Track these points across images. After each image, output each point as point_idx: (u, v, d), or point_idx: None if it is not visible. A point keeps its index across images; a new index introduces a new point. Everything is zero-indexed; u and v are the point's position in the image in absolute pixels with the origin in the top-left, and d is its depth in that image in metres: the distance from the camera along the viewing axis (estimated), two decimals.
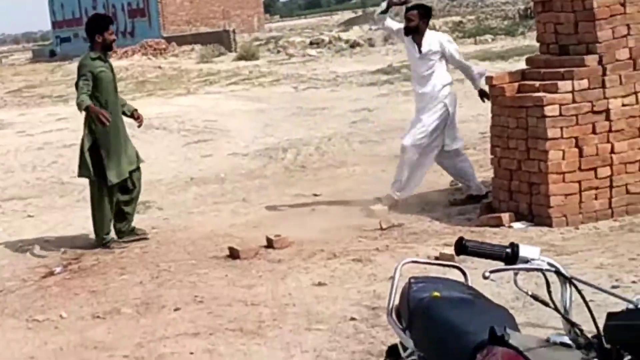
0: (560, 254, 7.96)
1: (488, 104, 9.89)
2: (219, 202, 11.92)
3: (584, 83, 8.93)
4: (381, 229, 9.51)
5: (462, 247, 3.29)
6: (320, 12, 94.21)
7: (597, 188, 8.99)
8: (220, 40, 44.08)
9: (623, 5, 8.86)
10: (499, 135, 9.60)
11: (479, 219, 9.47)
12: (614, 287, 6.89)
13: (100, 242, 9.94)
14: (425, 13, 10.53)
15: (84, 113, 9.69)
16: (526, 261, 3.18)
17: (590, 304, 2.98)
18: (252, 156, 15.33)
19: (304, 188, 12.27)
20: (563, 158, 8.91)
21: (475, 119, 15.21)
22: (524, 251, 3.21)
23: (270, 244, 9.17)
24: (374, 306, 6.99)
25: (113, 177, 9.80)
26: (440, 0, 51.95)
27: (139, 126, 10.43)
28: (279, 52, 38.84)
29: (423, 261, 4.31)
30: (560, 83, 8.95)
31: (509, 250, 3.21)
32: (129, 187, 10.06)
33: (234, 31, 45.63)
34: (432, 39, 10.42)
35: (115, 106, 9.92)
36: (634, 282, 6.97)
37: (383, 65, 27.54)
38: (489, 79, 9.79)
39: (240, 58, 37.39)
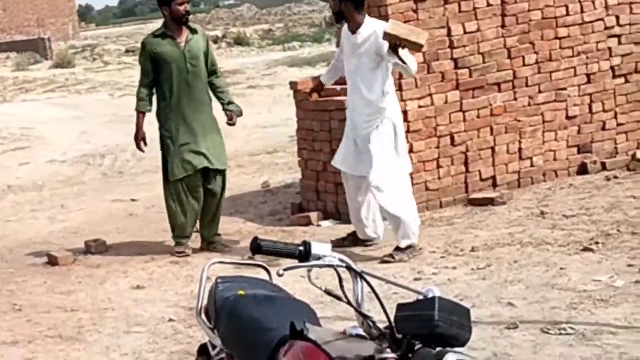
0: (366, 249, 8.17)
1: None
2: (36, 209, 11.66)
3: None
4: (197, 231, 9.47)
5: (257, 246, 3.33)
6: (135, 21, 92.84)
7: None
8: (36, 48, 43.00)
9: (415, 12, 9.11)
10: (305, 138, 9.74)
11: (290, 219, 9.59)
12: (416, 279, 7.12)
13: (176, 245, 8.76)
14: None
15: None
16: (318, 258, 3.23)
17: (392, 296, 3.07)
18: (69, 163, 15.05)
19: (121, 193, 12.14)
20: None
21: (284, 123, 15.37)
22: (316, 248, 3.25)
23: (88, 250, 9.06)
24: (191, 307, 6.99)
25: (172, 174, 8.59)
26: (250, 8, 52.13)
27: (230, 124, 9.03)
28: (95, 59, 38.18)
29: (228, 261, 4.35)
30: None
31: (301, 248, 3.26)
32: (210, 189, 8.75)
33: (49, 39, 44.60)
34: (368, 29, 7.79)
35: (188, 94, 8.61)
36: (434, 273, 7.21)
37: None
38: (293, 84, 9.91)
39: (56, 66, 36.57)
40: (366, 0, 8.02)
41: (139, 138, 8.86)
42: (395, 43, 7.41)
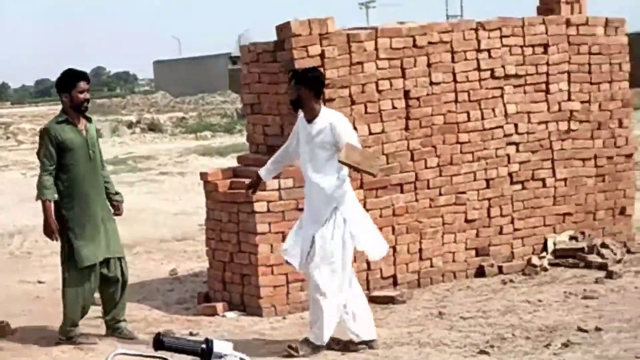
0: (269, 343, 8.07)
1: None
2: None
3: (289, 182, 9.14)
4: (103, 317, 9.29)
5: (159, 342, 3.27)
6: (51, 101, 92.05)
7: (302, 280, 9.16)
8: None
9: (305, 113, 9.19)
10: (213, 229, 9.68)
11: (196, 308, 9.46)
12: None
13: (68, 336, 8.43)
14: (301, 79, 7.68)
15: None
16: (220, 356, 3.19)
17: None
18: None
19: (28, 274, 11.83)
20: (271, 251, 9.07)
21: (194, 211, 15.24)
22: (218, 347, 3.21)
23: None
24: None
25: (84, 260, 8.28)
26: (165, 96, 52.13)
27: (117, 214, 8.69)
28: (8, 138, 37.58)
29: (131, 353, 4.23)
30: (267, 182, 9.14)
31: (204, 345, 3.22)
32: (111, 277, 8.52)
33: None
34: (324, 119, 7.66)
35: (90, 181, 8.38)
36: None
37: (109, 157, 27.15)
38: (203, 175, 9.88)
39: None
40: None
41: (53, 228, 8.37)
42: (350, 167, 7.42)
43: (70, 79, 8.39)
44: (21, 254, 13.47)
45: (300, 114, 7.80)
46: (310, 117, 7.66)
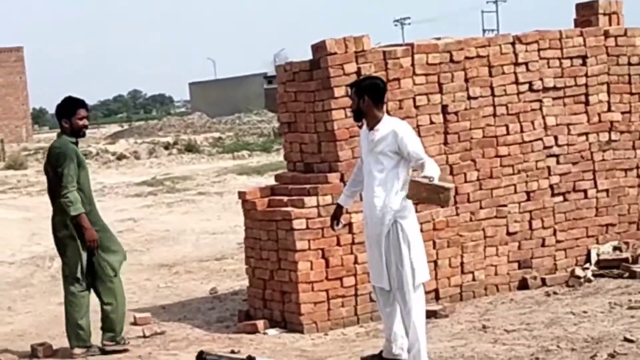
0: (312, 359, 8.07)
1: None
2: None
3: (328, 199, 9.17)
4: (144, 336, 9.35)
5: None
6: (88, 125, 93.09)
7: (343, 296, 9.20)
8: None
9: (360, 127, 9.20)
10: (252, 247, 9.70)
11: (237, 326, 9.48)
12: None
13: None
14: (360, 90, 7.53)
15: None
16: None
17: None
18: (18, 265, 14.80)
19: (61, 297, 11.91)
20: (311, 268, 9.08)
21: (232, 230, 15.32)
22: None
23: (35, 354, 8.85)
24: None
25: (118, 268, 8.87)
26: (201, 117, 52.40)
27: None
28: None
29: None
30: (306, 199, 9.17)
31: None
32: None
33: (2, 141, 44.38)
34: (386, 127, 7.44)
35: (93, 199, 8.97)
36: None
37: (147, 178, 27.40)
38: (242, 194, 9.92)
39: (9, 167, 36.31)
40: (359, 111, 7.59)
41: (95, 236, 8.71)
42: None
43: (70, 106, 8.87)
44: (61, 277, 13.55)
45: (363, 126, 7.65)
46: (372, 125, 7.47)
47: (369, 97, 7.45)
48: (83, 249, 8.71)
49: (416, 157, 7.27)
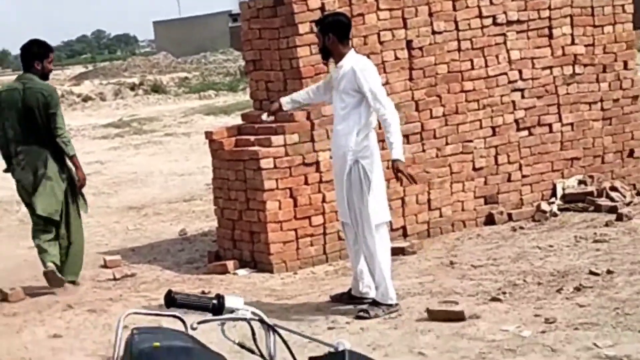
0: (281, 298, 8.14)
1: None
2: None
3: (295, 137, 9.18)
4: (114, 279, 9.38)
5: (171, 299, 3.32)
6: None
7: (312, 235, 9.25)
8: None
9: (326, 64, 9.16)
10: (220, 187, 9.71)
11: (207, 267, 9.53)
12: (329, 328, 7.12)
13: None
14: (325, 26, 7.53)
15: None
16: (232, 311, 3.24)
17: (307, 346, 3.09)
18: None
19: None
20: (280, 208, 9.11)
21: (201, 171, 15.30)
22: (230, 302, 3.26)
23: (5, 298, 8.84)
24: (108, 356, 6.87)
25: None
26: (166, 56, 51.95)
27: None
28: None
29: (144, 312, 4.28)
30: (273, 137, 9.16)
31: (215, 301, 3.27)
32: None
33: None
34: (348, 63, 7.41)
35: None
36: (347, 322, 7.21)
37: (114, 119, 27.23)
38: (208, 134, 9.90)
39: None
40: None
41: (85, 177, 9.14)
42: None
43: (44, 49, 8.98)
44: (29, 220, 13.47)
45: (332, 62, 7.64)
46: (337, 62, 7.49)
47: (334, 34, 7.42)
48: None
49: (373, 97, 7.22)
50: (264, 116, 8.05)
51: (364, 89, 7.24)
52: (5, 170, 9.27)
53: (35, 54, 8.86)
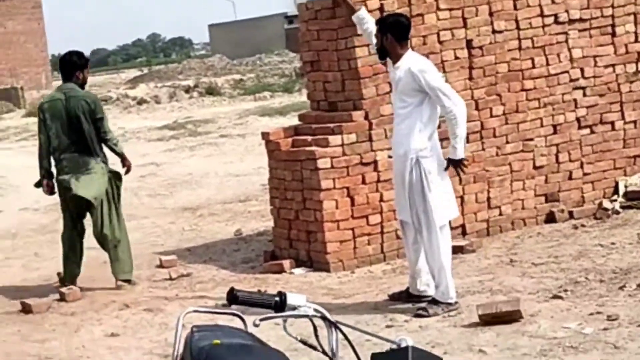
0: (338, 297, 8.15)
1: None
2: (10, 257, 11.54)
3: (353, 137, 9.19)
4: (170, 278, 9.45)
5: (233, 297, 3.34)
6: (108, 70, 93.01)
7: (369, 234, 9.24)
8: (9, 97, 42.78)
9: (385, 64, 9.17)
10: (277, 187, 9.75)
11: (262, 267, 9.56)
12: (388, 326, 7.11)
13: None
14: (383, 27, 7.56)
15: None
16: (294, 308, 3.25)
17: (366, 344, 3.09)
18: (43, 211, 14.91)
19: (94, 241, 12.01)
20: (337, 207, 9.12)
21: (256, 172, 15.36)
22: (292, 299, 3.27)
23: (62, 297, 8.97)
24: (166, 354, 6.94)
25: None
26: (221, 59, 52.25)
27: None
28: None
29: (204, 310, 4.31)
30: (330, 137, 9.18)
31: (277, 298, 3.28)
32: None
33: (22, 88, 44.43)
34: (406, 64, 7.43)
35: None
36: (406, 321, 7.21)
37: (169, 122, 27.43)
38: (265, 135, 9.94)
39: (30, 114, 36.30)
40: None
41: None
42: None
43: (84, 60, 9.44)
44: (85, 222, 13.65)
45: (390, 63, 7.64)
46: (395, 62, 7.49)
47: (392, 35, 7.44)
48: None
49: (438, 94, 7.22)
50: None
51: (426, 89, 7.24)
52: (37, 185, 9.56)
53: (76, 64, 9.25)
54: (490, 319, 6.74)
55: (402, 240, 7.93)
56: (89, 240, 12.00)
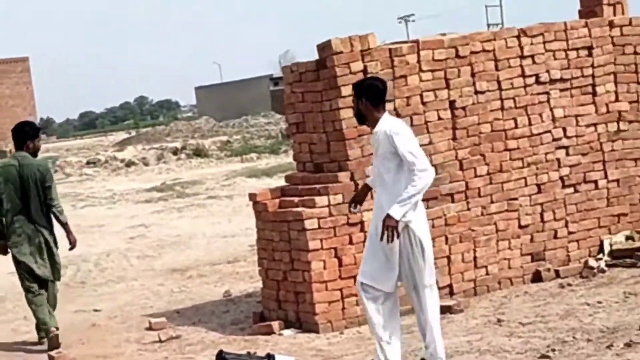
0: (328, 359, 8.09)
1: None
2: (0, 320, 11.46)
3: (339, 197, 9.19)
4: (160, 341, 9.39)
5: (222, 359, 3.34)
6: (96, 133, 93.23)
7: (356, 295, 9.19)
8: None
9: (369, 125, 9.17)
10: (265, 248, 9.73)
11: (252, 328, 9.51)
12: None
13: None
14: (359, 91, 7.39)
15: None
16: None
17: None
18: None
19: (84, 304, 11.99)
20: (324, 268, 9.11)
21: (244, 233, 15.37)
22: None
23: None
24: None
25: None
26: (208, 121, 52.45)
27: None
28: (56, 171, 38.08)
29: None
30: (317, 198, 9.19)
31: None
32: None
33: (10, 151, 44.47)
34: (382, 128, 7.23)
35: None
36: None
37: (157, 183, 27.47)
38: (252, 196, 9.95)
39: None
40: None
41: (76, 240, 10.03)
42: None
43: (35, 129, 10.06)
44: (75, 284, 13.63)
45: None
46: (372, 127, 7.33)
47: (367, 99, 7.30)
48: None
49: (407, 156, 7.02)
50: (355, 209, 7.80)
51: (399, 151, 7.06)
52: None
53: (27, 134, 9.76)
54: None
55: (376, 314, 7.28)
56: (76, 304, 11.98)
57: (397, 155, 7.10)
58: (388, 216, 6.96)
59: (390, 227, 6.94)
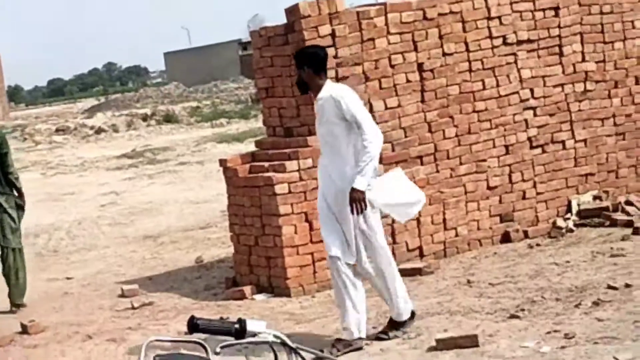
0: (300, 322, 8.13)
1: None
2: None
3: (309, 162, 9.19)
4: (133, 307, 9.39)
5: (193, 325, 3.33)
6: (64, 100, 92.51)
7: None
8: None
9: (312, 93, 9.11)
10: (236, 214, 9.73)
11: (224, 293, 9.53)
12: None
13: None
14: (300, 60, 7.35)
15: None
16: (254, 335, 3.25)
17: None
18: None
19: (56, 272, 11.95)
20: (295, 232, 9.12)
21: (216, 199, 15.33)
22: (251, 325, 3.27)
23: (25, 330, 8.86)
24: None
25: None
26: (177, 86, 52.16)
27: None
28: (25, 139, 37.76)
29: (166, 339, 4.29)
30: (287, 163, 9.19)
31: (237, 325, 3.27)
32: None
33: None
34: (326, 93, 7.19)
35: None
36: (367, 344, 7.20)
37: (127, 150, 27.31)
38: (223, 162, 9.92)
39: None
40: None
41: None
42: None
43: None
44: (47, 253, 13.58)
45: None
46: (315, 95, 7.27)
47: (309, 67, 7.24)
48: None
49: (355, 119, 6.96)
50: None
51: (346, 116, 7.01)
52: None
53: None
54: (448, 346, 6.72)
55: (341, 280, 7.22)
56: (49, 272, 11.94)
57: (344, 119, 7.06)
58: (353, 189, 6.90)
59: (357, 199, 6.90)
